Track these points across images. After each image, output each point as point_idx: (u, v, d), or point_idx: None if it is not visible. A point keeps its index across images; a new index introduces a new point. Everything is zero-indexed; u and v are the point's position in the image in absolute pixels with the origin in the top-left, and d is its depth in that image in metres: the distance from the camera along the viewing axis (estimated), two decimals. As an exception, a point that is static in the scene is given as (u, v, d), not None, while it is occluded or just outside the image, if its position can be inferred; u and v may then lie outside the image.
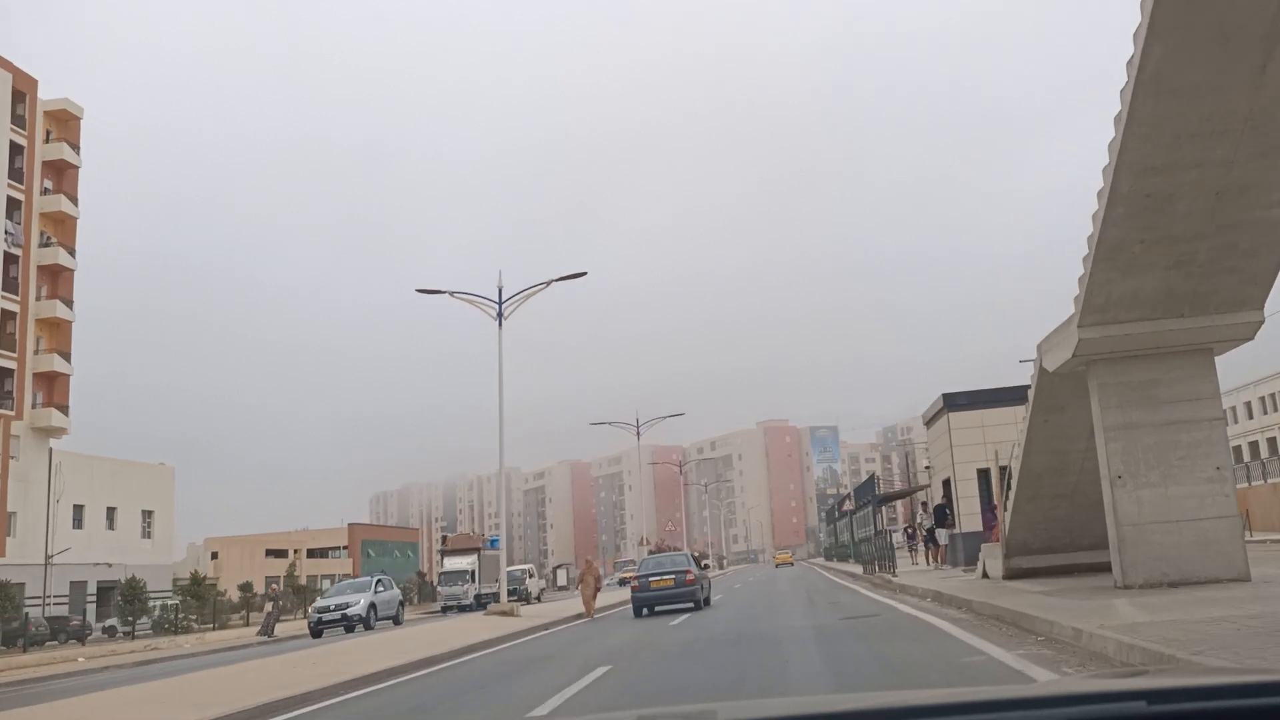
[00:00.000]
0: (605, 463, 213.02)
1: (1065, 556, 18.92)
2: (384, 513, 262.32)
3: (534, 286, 28.53)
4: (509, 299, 28.44)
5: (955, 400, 27.51)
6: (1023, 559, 19.21)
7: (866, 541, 39.69)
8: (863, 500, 53.79)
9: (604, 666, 12.65)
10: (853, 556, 53.09)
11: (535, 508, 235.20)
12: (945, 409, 27.53)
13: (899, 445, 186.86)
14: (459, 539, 59.03)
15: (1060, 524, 18.44)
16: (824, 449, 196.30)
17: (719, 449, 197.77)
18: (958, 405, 27.39)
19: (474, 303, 28.67)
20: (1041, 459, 17.16)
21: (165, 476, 72.92)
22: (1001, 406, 27.08)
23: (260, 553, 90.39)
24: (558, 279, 28.48)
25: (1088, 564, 17.94)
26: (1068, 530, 18.56)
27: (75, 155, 60.64)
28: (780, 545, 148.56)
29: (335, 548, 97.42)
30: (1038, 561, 19.12)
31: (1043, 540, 18.92)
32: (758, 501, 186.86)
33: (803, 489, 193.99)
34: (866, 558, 34.33)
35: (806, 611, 19.83)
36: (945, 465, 28.31)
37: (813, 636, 13.92)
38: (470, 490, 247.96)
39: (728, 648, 13.69)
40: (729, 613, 22.31)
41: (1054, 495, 17.85)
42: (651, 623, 21.63)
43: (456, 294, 28.72)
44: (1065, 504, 17.94)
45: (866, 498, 52.61)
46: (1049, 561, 19.07)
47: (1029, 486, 17.74)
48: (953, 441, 27.18)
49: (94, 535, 61.45)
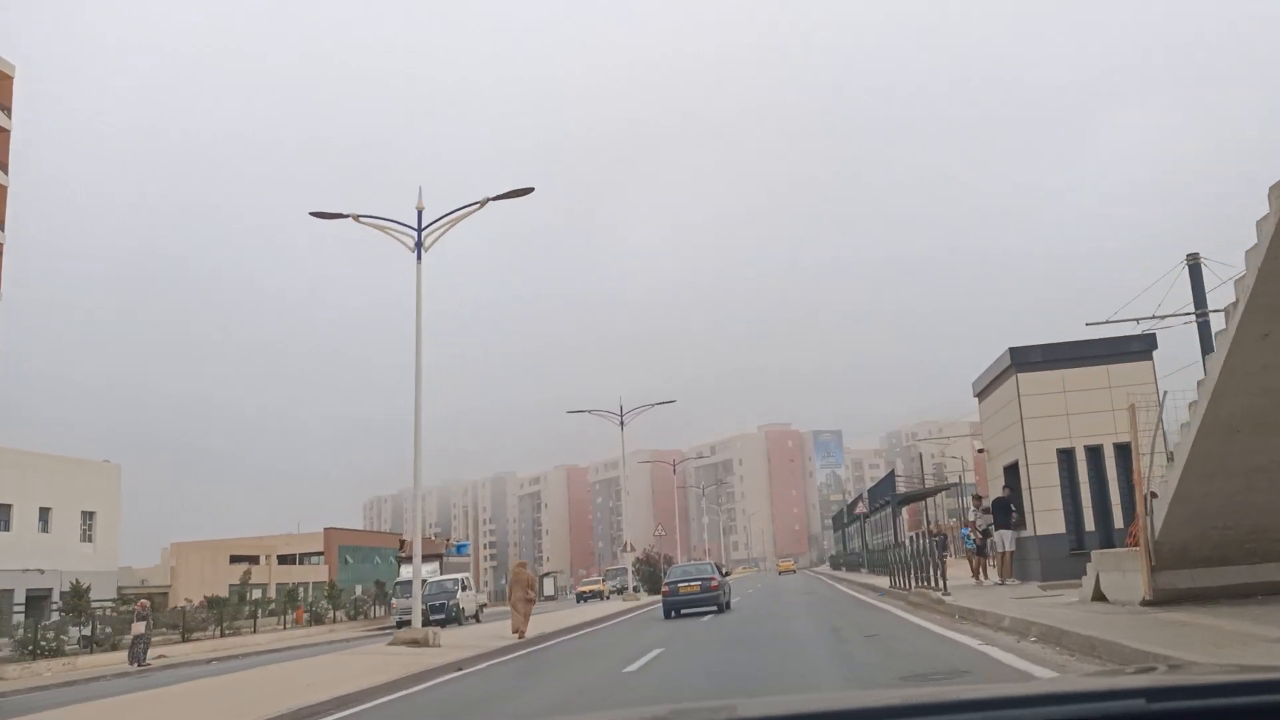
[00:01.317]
0: (602, 467, 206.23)
1: (1253, 570, 11.75)
2: (378, 518, 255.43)
3: (464, 207, 21.36)
4: (432, 225, 21.29)
5: (1027, 357, 20.24)
6: (1180, 574, 11.99)
7: (891, 548, 32.61)
8: (880, 501, 46.66)
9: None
10: (865, 565, 48.75)
11: (530, 513, 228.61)
12: (1012, 368, 20.26)
13: (903, 450, 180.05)
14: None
15: (1251, 517, 11.25)
16: (827, 453, 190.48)
17: (719, 453, 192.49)
18: (1031, 363, 20.14)
19: (385, 229, 21.52)
20: (1242, 402, 9.97)
21: (110, 475, 65.97)
22: (1091, 364, 19.91)
23: (224, 559, 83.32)
24: (495, 197, 21.30)
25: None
26: (1261, 528, 11.38)
27: (7, 118, 53.96)
28: (782, 553, 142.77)
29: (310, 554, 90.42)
30: (1205, 579, 11.92)
31: (1214, 545, 11.72)
32: (758, 508, 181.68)
33: (805, 495, 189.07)
34: (894, 568, 27.12)
35: (837, 655, 12.54)
36: (1010, 444, 21.06)
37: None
38: (465, 496, 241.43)
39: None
40: (711, 658, 15.03)
41: (1251, 469, 10.66)
42: (609, 658, 14.53)
43: (362, 218, 21.57)
44: (1266, 482, 10.77)
45: (884, 498, 45.49)
46: (1224, 579, 11.88)
47: (1210, 452, 10.52)
48: (1024, 412, 19.94)
49: (23, 538, 54.67)
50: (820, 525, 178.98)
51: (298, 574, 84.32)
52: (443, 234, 21.33)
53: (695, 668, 12.72)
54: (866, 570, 48.74)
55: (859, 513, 53.44)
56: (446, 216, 21.33)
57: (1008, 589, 19.88)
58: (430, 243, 21.25)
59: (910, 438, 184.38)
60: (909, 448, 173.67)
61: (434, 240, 21.30)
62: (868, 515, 50.83)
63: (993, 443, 22.79)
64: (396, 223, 21.44)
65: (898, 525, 41.09)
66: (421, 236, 21.20)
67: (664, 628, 21.50)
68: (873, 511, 48.77)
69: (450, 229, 21.30)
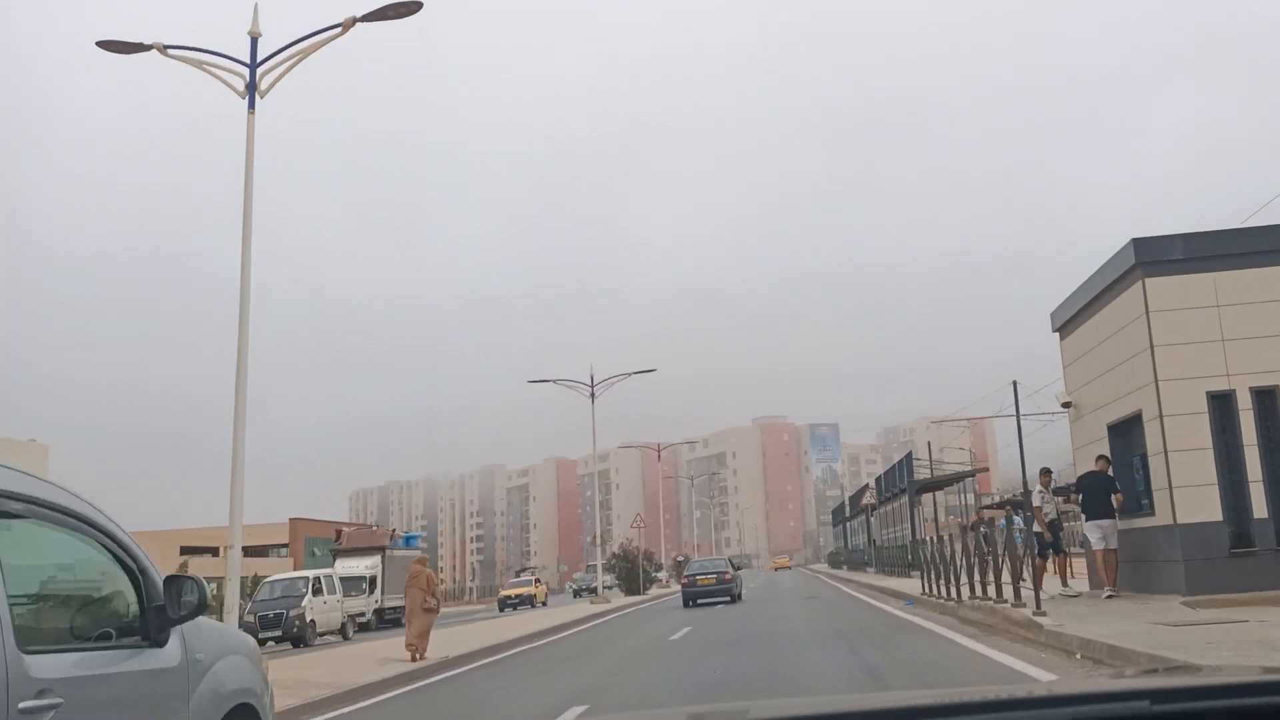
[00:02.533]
0: (593, 460, 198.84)
1: None
2: (364, 511, 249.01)
3: (318, 32, 14.31)
4: (268, 59, 14.23)
5: (1160, 252, 13.20)
6: None
7: (918, 544, 25.99)
8: (893, 490, 39.87)
9: None
10: (872, 564, 44.07)
11: (519, 507, 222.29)
12: (1137, 271, 13.20)
13: (901, 446, 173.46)
14: (357, 534, 43.18)
15: None
16: (824, 447, 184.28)
17: (712, 446, 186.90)
18: (1167, 262, 13.12)
19: (204, 65, 14.44)
20: None
21: (36, 455, 58.96)
22: (1264, 262, 12.91)
23: (174, 550, 76.35)
24: (363, 17, 14.19)
25: None
26: None
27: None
28: (776, 550, 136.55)
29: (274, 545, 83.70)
30: None
31: None
32: (752, 503, 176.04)
33: (800, 490, 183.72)
34: (928, 569, 20.14)
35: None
36: (1125, 389, 14.01)
37: None
38: (452, 489, 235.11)
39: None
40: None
41: None
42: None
43: (171, 49, 14.47)
44: None
45: (898, 486, 38.68)
46: None
47: None
48: (1154, 337, 12.92)
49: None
50: (816, 522, 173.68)
51: (260, 567, 77.48)
52: (287, 72, 14.29)
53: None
54: (874, 570, 43.56)
55: (866, 504, 46.64)
56: (293, 46, 14.28)
57: (1134, 605, 12.88)
58: (268, 86, 14.22)
59: (908, 433, 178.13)
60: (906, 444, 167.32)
61: (274, 83, 14.26)
62: (876, 507, 43.93)
63: (1088, 391, 15.69)
64: (221, 55, 14.40)
65: (916, 517, 34.18)
66: (256, 76, 14.18)
67: (645, 640, 14.68)
68: (883, 502, 41.85)
69: (295, 66, 14.24)
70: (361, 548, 39.39)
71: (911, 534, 33.34)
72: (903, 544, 34.35)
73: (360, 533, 44.30)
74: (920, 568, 22.73)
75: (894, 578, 32.06)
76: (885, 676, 9.74)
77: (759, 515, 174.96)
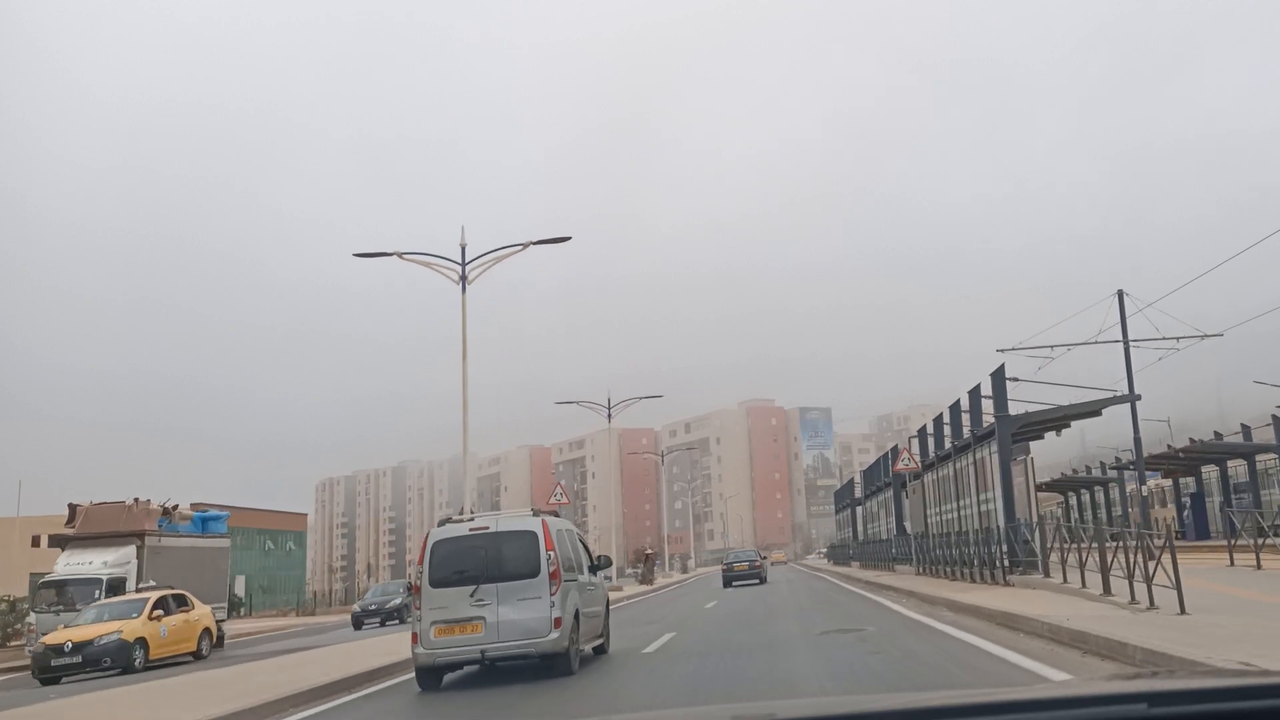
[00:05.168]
0: (567, 446, 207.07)
1: None
2: (330, 501, 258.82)
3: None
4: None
5: None
6: None
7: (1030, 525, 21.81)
8: (942, 451, 30.01)
9: None
10: (910, 559, 35.62)
11: (489, 496, 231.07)
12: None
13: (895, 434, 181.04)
14: (100, 511, 31.52)
15: None
16: (815, 433, 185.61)
17: (695, 430, 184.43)
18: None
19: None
20: None
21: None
22: None
23: (30, 540, 58.88)
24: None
25: None
26: None
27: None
28: (763, 543, 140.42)
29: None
30: None
31: None
32: (737, 491, 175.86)
33: (789, 478, 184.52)
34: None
35: None
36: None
37: None
38: (421, 477, 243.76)
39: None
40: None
41: None
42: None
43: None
44: None
45: (954, 442, 27.62)
46: None
47: None
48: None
49: None
50: (807, 513, 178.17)
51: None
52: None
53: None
54: (891, 567, 40.05)
55: (904, 469, 33.47)
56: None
57: None
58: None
59: (902, 421, 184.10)
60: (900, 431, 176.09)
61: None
62: (918, 475, 33.84)
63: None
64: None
65: (1010, 487, 22.90)
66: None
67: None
68: (928, 468, 32.73)
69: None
70: (104, 534, 29.56)
71: (1005, 508, 22.92)
72: (978, 526, 25.05)
73: (106, 509, 31.75)
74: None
75: (937, 579, 27.62)
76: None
77: (745, 505, 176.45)
